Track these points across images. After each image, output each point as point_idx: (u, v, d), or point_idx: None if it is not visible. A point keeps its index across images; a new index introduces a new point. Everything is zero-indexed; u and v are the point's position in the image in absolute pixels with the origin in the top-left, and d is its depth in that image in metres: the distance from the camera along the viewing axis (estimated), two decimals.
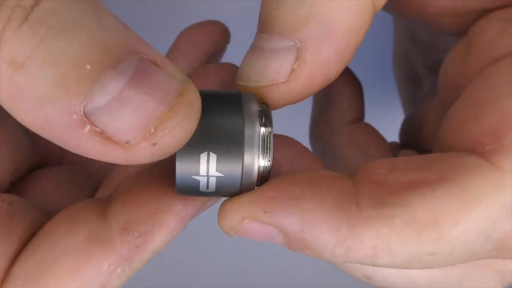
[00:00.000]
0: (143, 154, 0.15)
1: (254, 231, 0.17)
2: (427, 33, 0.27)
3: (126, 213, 0.18)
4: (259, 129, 0.17)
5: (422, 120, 0.27)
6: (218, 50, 0.27)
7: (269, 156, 0.17)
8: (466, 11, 0.21)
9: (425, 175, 0.16)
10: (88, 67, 0.13)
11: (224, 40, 0.27)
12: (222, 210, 0.18)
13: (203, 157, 0.17)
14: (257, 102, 0.18)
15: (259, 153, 0.17)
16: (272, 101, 0.18)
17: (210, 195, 0.18)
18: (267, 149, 0.17)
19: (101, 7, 0.14)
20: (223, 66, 0.22)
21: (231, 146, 0.17)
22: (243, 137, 0.17)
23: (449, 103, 0.22)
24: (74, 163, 0.26)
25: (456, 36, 0.23)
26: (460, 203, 0.15)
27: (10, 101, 0.14)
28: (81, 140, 0.14)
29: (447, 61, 0.23)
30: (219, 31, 0.27)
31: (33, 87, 0.13)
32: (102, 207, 0.19)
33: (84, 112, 0.14)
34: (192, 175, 0.17)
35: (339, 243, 0.16)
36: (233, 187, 0.17)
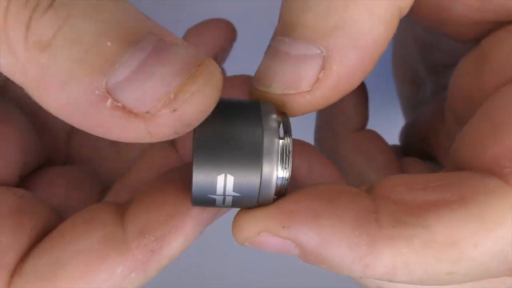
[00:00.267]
0: (165, 123, 0.14)
1: (270, 244, 0.17)
2: (430, 35, 0.27)
3: (143, 217, 0.18)
4: (278, 142, 0.16)
5: (427, 127, 0.27)
6: (224, 49, 0.27)
7: (287, 170, 0.17)
8: (482, 21, 0.21)
9: (444, 195, 0.16)
10: (109, 44, 0.14)
11: (231, 38, 0.27)
12: (238, 222, 0.17)
13: (220, 179, 0.16)
14: (276, 112, 0.17)
15: (277, 167, 0.16)
16: (293, 109, 0.18)
17: (226, 207, 0.18)
18: (285, 162, 0.17)
19: None
20: (244, 78, 0.22)
21: (250, 165, 0.16)
22: (262, 152, 0.16)
23: (461, 115, 0.22)
24: (81, 163, 0.25)
25: (464, 42, 0.23)
26: (479, 225, 0.16)
27: (35, 83, 0.14)
28: (102, 116, 0.14)
29: (459, 72, 0.23)
30: (226, 29, 0.27)
31: (58, 66, 0.14)
32: (119, 211, 0.19)
33: (105, 88, 0.14)
34: (208, 194, 0.17)
35: (357, 259, 0.16)
36: (249, 203, 0.17)
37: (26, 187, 0.22)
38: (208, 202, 0.17)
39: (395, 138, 0.31)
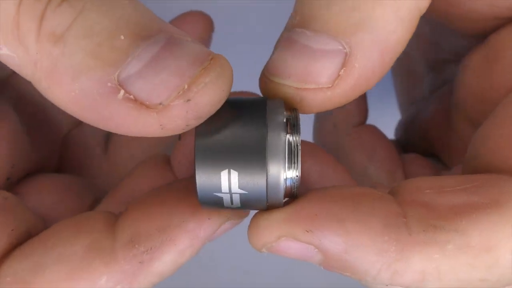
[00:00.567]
0: (178, 114, 0.14)
1: (290, 249, 0.16)
2: (431, 30, 0.27)
3: (134, 225, 0.17)
4: (284, 137, 0.16)
5: (429, 124, 0.27)
6: (203, 41, 0.26)
7: (296, 168, 0.16)
8: (493, 16, 0.20)
9: (475, 198, 0.15)
10: (122, 37, 0.14)
11: (209, 30, 0.26)
12: (255, 226, 0.16)
13: (223, 174, 0.15)
14: (284, 108, 0.16)
15: (285, 164, 0.16)
16: (309, 105, 0.17)
17: (238, 209, 0.17)
18: (294, 160, 0.16)
19: None
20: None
21: (253, 160, 0.15)
22: (266, 147, 0.15)
23: (471, 113, 0.22)
24: (74, 171, 0.24)
25: (468, 37, 0.23)
26: None
27: (47, 76, 0.14)
28: (114, 108, 0.14)
29: (467, 68, 0.22)
30: (203, 21, 0.26)
31: (70, 58, 0.14)
32: (111, 219, 0.18)
33: (118, 80, 0.14)
34: (214, 192, 0.16)
35: (385, 266, 0.15)
36: (259, 203, 0.16)
37: (14, 193, 0.20)
38: (215, 201, 0.16)
39: (390, 133, 0.31)
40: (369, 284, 0.16)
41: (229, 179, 0.15)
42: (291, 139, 0.16)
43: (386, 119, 0.31)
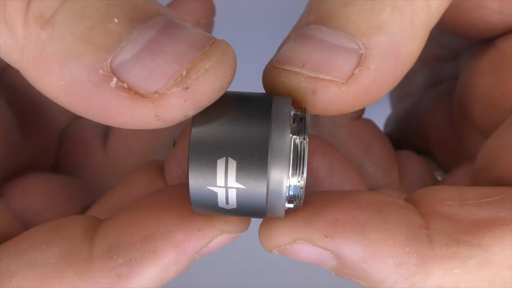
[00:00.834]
0: (175, 103, 0.13)
1: (304, 253, 0.16)
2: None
3: (115, 232, 0.15)
4: (290, 138, 0.14)
5: (426, 122, 0.26)
6: (203, 26, 0.25)
7: (301, 174, 0.14)
8: (502, 26, 0.20)
9: (500, 213, 0.15)
10: (116, 20, 0.13)
11: (209, 14, 0.25)
12: (269, 226, 0.16)
13: (220, 163, 0.14)
14: (291, 106, 0.15)
15: (289, 167, 0.14)
16: (321, 101, 0.15)
17: (232, 214, 0.15)
18: (299, 165, 0.14)
19: None
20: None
21: (255, 152, 0.14)
22: (268, 148, 0.14)
23: (476, 117, 0.22)
24: (69, 171, 0.23)
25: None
26: None
27: (35, 63, 0.13)
28: (106, 98, 0.13)
29: (473, 71, 0.22)
30: (203, 5, 0.24)
31: (59, 43, 0.13)
32: (94, 225, 0.16)
33: (110, 67, 0.13)
34: (208, 186, 0.14)
35: (403, 278, 0.15)
36: (258, 204, 0.14)
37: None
38: (208, 199, 0.14)
39: (380, 128, 0.30)
40: None
41: (226, 169, 0.14)
42: (297, 140, 0.14)
43: (376, 113, 0.30)
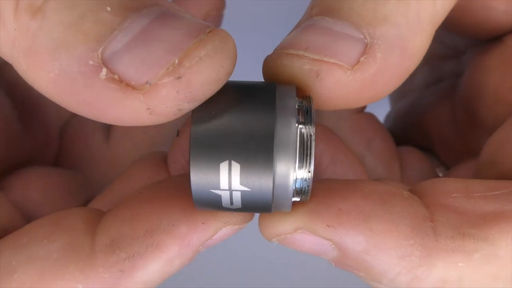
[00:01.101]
0: (167, 95, 0.12)
1: (304, 243, 0.15)
2: None
3: (117, 226, 0.15)
4: (296, 128, 0.13)
5: (428, 118, 0.26)
6: (214, 19, 0.24)
7: (308, 166, 0.14)
8: (510, 26, 0.20)
9: (507, 207, 0.15)
10: (109, 9, 0.12)
11: (219, 7, 0.24)
12: (270, 215, 0.15)
13: (223, 167, 0.13)
14: (296, 96, 0.14)
15: (295, 159, 0.13)
16: (326, 86, 0.15)
17: (237, 211, 0.14)
18: (306, 156, 0.13)
19: None
20: None
21: (259, 152, 0.13)
22: (273, 139, 0.13)
23: (482, 113, 0.21)
24: (71, 165, 0.22)
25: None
26: None
27: (25, 55, 0.13)
28: (96, 90, 0.12)
29: (480, 68, 0.22)
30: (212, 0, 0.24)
31: (49, 33, 0.12)
32: (96, 217, 0.15)
33: (101, 58, 0.12)
34: (211, 189, 0.13)
35: (406, 270, 0.15)
36: (263, 205, 0.14)
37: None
38: (212, 201, 0.14)
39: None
40: (381, 286, 0.15)
41: (230, 172, 0.13)
42: (304, 130, 0.14)
43: (377, 109, 0.30)
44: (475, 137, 0.23)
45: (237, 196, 0.13)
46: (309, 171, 0.14)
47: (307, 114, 0.14)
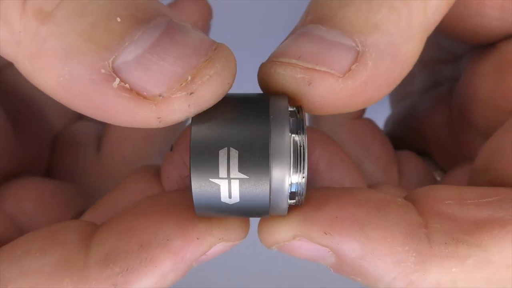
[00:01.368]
0: (179, 108, 0.13)
1: (303, 250, 0.16)
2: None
3: (111, 239, 0.15)
4: (289, 137, 0.14)
5: (425, 123, 0.26)
6: (201, 29, 0.24)
7: (302, 171, 0.14)
8: (503, 32, 0.20)
9: (499, 213, 0.15)
10: (119, 19, 0.13)
11: (206, 17, 0.25)
12: (268, 223, 0.16)
13: (222, 154, 0.14)
14: (288, 105, 0.15)
15: (290, 166, 0.14)
16: (317, 94, 0.15)
17: (234, 212, 0.15)
18: (299, 158, 0.14)
19: None
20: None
21: (256, 147, 0.14)
22: (269, 149, 0.14)
23: (477, 119, 0.22)
24: (62, 177, 0.22)
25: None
26: None
27: (32, 58, 0.13)
28: (107, 97, 0.13)
29: (476, 75, 0.22)
30: (201, 7, 0.24)
31: (60, 39, 0.13)
32: (90, 230, 0.15)
33: (112, 67, 0.13)
34: (210, 178, 0.14)
35: (401, 276, 0.15)
36: (261, 196, 0.14)
37: None
38: (211, 193, 0.14)
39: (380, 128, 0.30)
40: None
41: (228, 159, 0.14)
42: (296, 138, 0.15)
43: (377, 113, 0.30)
44: (470, 141, 0.23)
45: (235, 186, 0.14)
46: (303, 176, 0.14)
47: (299, 121, 0.15)
